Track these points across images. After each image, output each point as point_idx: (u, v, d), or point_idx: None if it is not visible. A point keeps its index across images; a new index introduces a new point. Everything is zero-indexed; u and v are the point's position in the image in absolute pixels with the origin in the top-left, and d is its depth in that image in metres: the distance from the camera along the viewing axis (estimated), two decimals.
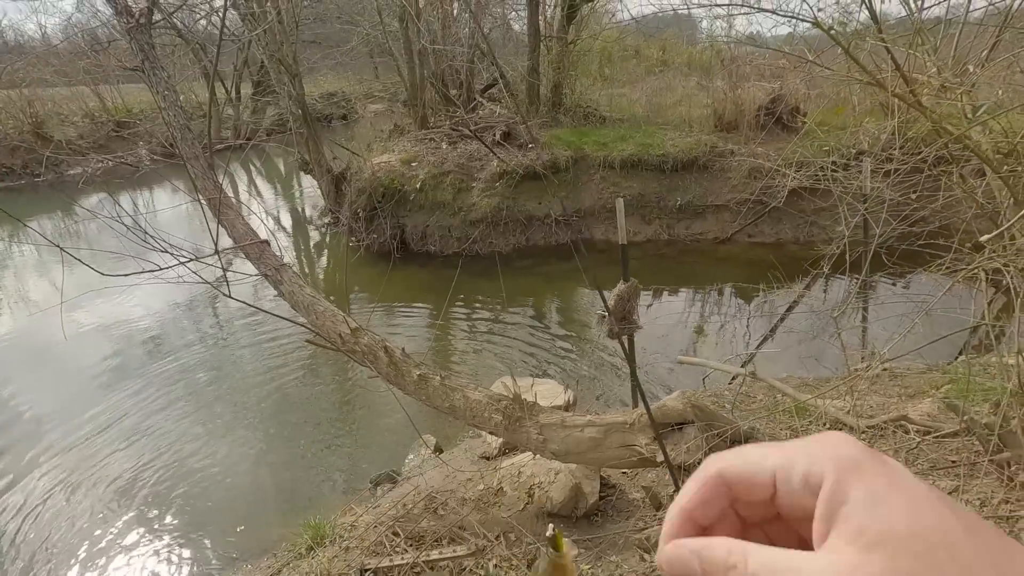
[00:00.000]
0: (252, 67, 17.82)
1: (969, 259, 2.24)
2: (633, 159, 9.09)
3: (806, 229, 8.42)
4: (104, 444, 5.00)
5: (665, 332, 6.46)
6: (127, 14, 3.77)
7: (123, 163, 12.89)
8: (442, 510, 3.38)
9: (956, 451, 2.83)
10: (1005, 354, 2.62)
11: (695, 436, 2.84)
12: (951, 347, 4.75)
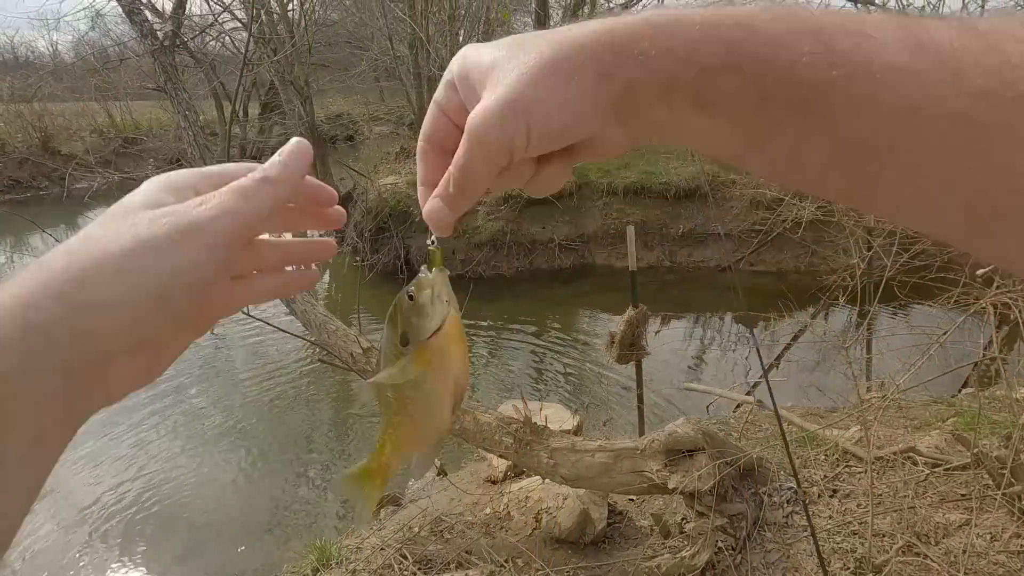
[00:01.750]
0: (261, 87, 18.10)
1: (979, 293, 2.29)
2: (636, 186, 9.23)
3: (807, 259, 8.51)
4: (93, 465, 4.95)
5: (668, 358, 6.48)
6: (152, 36, 3.87)
7: (130, 178, 12.98)
8: (448, 533, 3.36)
9: (965, 484, 2.83)
10: (1014, 387, 2.65)
11: (706, 464, 2.84)
12: (954, 378, 4.78)
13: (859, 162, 0.27)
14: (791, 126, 0.28)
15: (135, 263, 0.31)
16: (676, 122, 0.32)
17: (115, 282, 0.30)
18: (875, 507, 2.57)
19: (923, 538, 2.57)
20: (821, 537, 2.79)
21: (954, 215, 0.27)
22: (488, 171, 0.35)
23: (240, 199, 0.35)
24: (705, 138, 0.32)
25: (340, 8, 16.00)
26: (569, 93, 0.31)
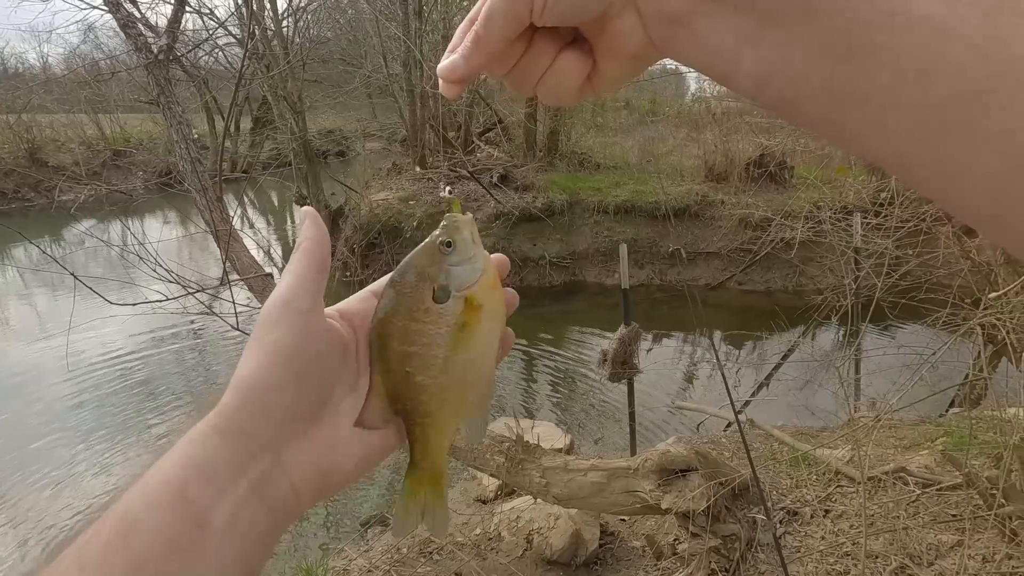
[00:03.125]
0: (253, 102, 18.13)
1: (966, 314, 2.32)
2: (627, 205, 9.31)
3: (795, 279, 8.61)
4: (64, 487, 4.82)
5: (659, 377, 6.48)
6: (147, 50, 3.87)
7: (118, 191, 12.88)
8: (438, 555, 3.29)
9: (956, 504, 2.84)
10: (1002, 407, 2.68)
11: (699, 484, 2.82)
12: (942, 398, 4.82)
13: (842, 59, 0.27)
14: (788, 16, 0.28)
15: None
16: (689, 10, 0.31)
17: None
18: (868, 528, 2.56)
19: (916, 559, 2.56)
20: (814, 559, 2.77)
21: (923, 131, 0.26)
22: (508, 20, 0.35)
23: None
24: (708, 31, 0.31)
25: (335, 26, 16.17)
26: None
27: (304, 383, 0.37)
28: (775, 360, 6.84)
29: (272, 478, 0.35)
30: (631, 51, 0.36)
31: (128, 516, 0.30)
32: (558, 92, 0.39)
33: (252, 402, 0.35)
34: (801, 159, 9.68)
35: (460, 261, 0.41)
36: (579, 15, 0.35)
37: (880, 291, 2.56)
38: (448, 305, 0.41)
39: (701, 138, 11.28)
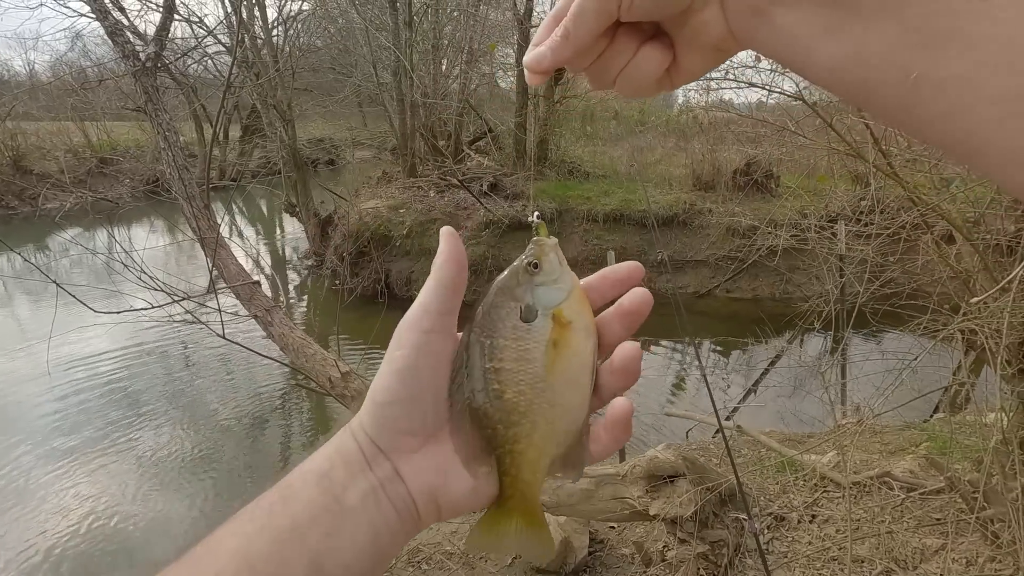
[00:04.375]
0: (242, 110, 18.08)
1: (946, 319, 2.37)
2: (616, 213, 9.38)
3: (781, 286, 8.69)
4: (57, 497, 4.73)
5: (648, 383, 6.50)
6: (134, 58, 3.86)
7: (103, 199, 12.75)
8: (426, 564, 3.27)
9: (940, 508, 2.87)
10: (983, 412, 2.72)
11: (687, 490, 2.84)
12: (926, 403, 4.88)
13: (924, 46, 0.28)
14: (870, 5, 0.29)
15: None
16: (770, 1, 0.32)
17: None
18: (853, 532, 2.59)
19: (901, 563, 2.58)
20: (801, 564, 2.79)
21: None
22: (598, 16, 0.36)
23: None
24: (788, 22, 0.32)
25: (324, 35, 16.19)
26: None
27: (419, 400, 0.39)
28: (763, 366, 6.90)
29: (393, 481, 0.38)
30: (712, 43, 0.37)
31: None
32: (638, 85, 0.40)
33: (375, 411, 0.39)
34: (787, 168, 9.81)
35: (546, 281, 0.41)
36: (665, 9, 0.36)
37: (863, 297, 2.61)
38: (536, 324, 0.41)
39: (689, 147, 11.40)
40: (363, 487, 0.37)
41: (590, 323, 0.41)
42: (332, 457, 0.38)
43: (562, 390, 0.40)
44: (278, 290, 10.52)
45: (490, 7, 12.38)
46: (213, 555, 0.34)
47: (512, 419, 0.40)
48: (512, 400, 0.40)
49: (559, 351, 0.40)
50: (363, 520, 0.37)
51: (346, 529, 0.36)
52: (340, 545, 0.35)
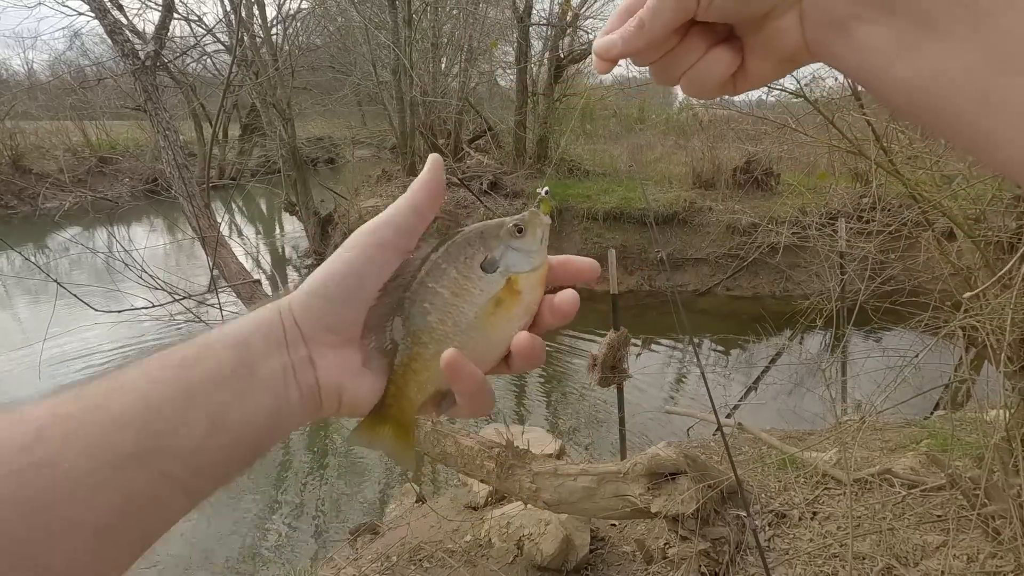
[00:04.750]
0: (242, 109, 18.07)
1: (947, 316, 2.37)
2: (616, 211, 9.38)
3: (782, 284, 8.70)
4: None
5: (649, 381, 6.51)
6: (133, 56, 3.85)
7: (103, 198, 12.74)
8: (428, 562, 3.27)
9: (941, 505, 2.87)
10: (984, 408, 2.72)
11: (689, 487, 2.84)
12: (926, 401, 4.88)
13: (1006, 70, 0.28)
14: (953, 25, 0.29)
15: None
16: (852, 15, 0.32)
17: None
18: (855, 529, 2.59)
19: (902, 560, 2.59)
20: (802, 561, 2.79)
21: None
22: (677, 11, 0.36)
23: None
24: (866, 36, 0.32)
25: (324, 34, 16.17)
26: None
27: (351, 303, 0.40)
28: (763, 364, 6.90)
29: (305, 366, 0.39)
30: (785, 52, 0.37)
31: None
32: (702, 86, 0.40)
33: (306, 300, 0.40)
34: (787, 165, 9.81)
35: (521, 248, 0.43)
36: (745, 11, 0.36)
37: (864, 294, 2.61)
38: (492, 276, 0.42)
39: (689, 145, 11.40)
40: (276, 363, 0.38)
41: (534, 303, 0.42)
42: (254, 327, 0.38)
43: (478, 342, 0.42)
44: (279, 289, 10.52)
45: (490, 5, 12.36)
46: (121, 392, 0.33)
47: (423, 339, 0.41)
48: (433, 325, 0.41)
49: (496, 310, 0.42)
50: (269, 393, 0.37)
51: (251, 397, 0.36)
52: (242, 410, 0.36)
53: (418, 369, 0.41)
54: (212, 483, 0.36)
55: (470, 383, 0.40)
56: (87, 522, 0.29)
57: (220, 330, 0.38)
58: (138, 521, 0.32)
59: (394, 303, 0.41)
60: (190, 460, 0.34)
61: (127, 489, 0.31)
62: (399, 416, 0.42)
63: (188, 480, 0.34)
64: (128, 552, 0.32)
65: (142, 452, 0.32)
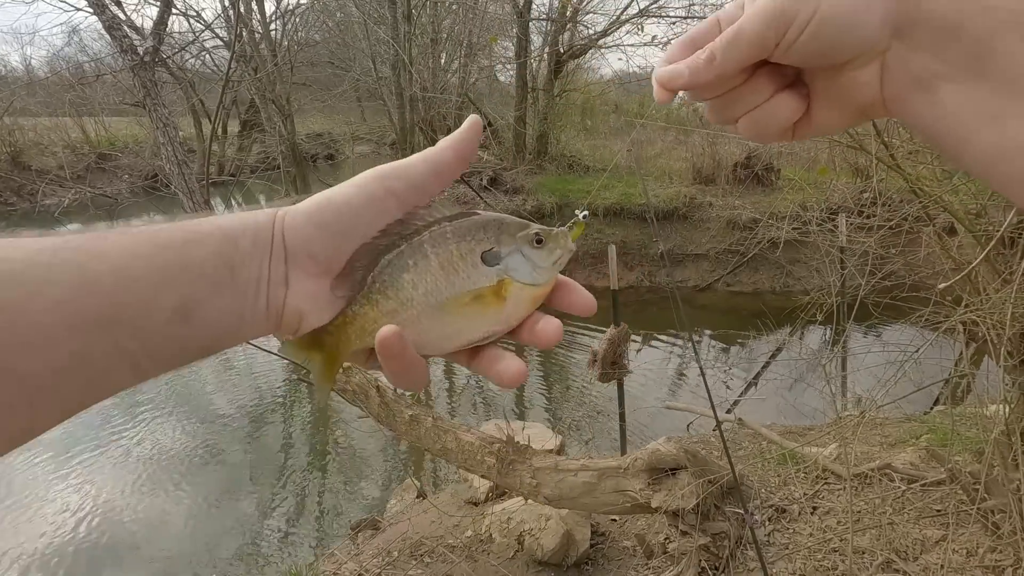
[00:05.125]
0: (241, 105, 18.01)
1: (948, 311, 2.37)
2: (616, 207, 9.37)
3: (782, 279, 8.69)
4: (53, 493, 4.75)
5: (649, 377, 6.51)
6: (132, 52, 3.84)
7: (103, 194, 12.73)
8: (429, 558, 3.28)
9: (941, 500, 2.88)
10: (983, 403, 2.72)
11: (688, 482, 2.84)
12: (926, 396, 4.89)
13: None
14: None
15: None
16: (941, 74, 0.31)
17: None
18: (854, 524, 2.59)
19: (902, 554, 2.59)
20: (802, 555, 2.80)
21: None
22: (753, 49, 0.35)
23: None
24: (952, 100, 0.31)
25: (323, 29, 16.11)
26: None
27: (343, 238, 0.39)
28: (763, 360, 6.91)
29: (279, 284, 0.38)
30: (858, 105, 0.36)
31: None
32: (764, 130, 0.39)
33: (301, 223, 0.39)
34: (787, 161, 9.79)
35: (531, 259, 0.40)
36: (826, 59, 0.35)
37: (864, 289, 2.60)
38: (486, 269, 0.40)
39: (689, 141, 11.37)
40: (255, 271, 0.37)
41: (514, 317, 0.40)
42: (245, 227, 0.37)
43: (434, 325, 0.40)
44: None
45: (489, 0, 12.32)
46: (99, 258, 0.32)
47: (387, 293, 0.40)
48: (403, 284, 0.40)
49: (470, 304, 0.40)
50: (240, 298, 0.36)
51: (223, 297, 0.35)
52: (211, 308, 0.35)
53: (367, 317, 0.40)
54: (160, 367, 0.35)
55: (398, 363, 0.39)
56: (34, 373, 0.29)
57: (211, 220, 0.37)
58: (82, 385, 0.32)
59: (386, 247, 0.40)
60: (147, 341, 0.33)
61: (81, 352, 0.31)
62: (332, 349, 0.40)
63: (140, 359, 0.33)
64: (61, 412, 0.32)
65: (104, 321, 0.31)
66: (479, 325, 0.40)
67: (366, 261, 0.40)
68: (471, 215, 0.41)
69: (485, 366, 0.41)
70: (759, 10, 0.35)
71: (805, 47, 0.34)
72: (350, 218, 0.39)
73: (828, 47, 0.34)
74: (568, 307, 0.42)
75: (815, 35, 0.33)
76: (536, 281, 0.40)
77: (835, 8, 0.33)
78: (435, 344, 0.40)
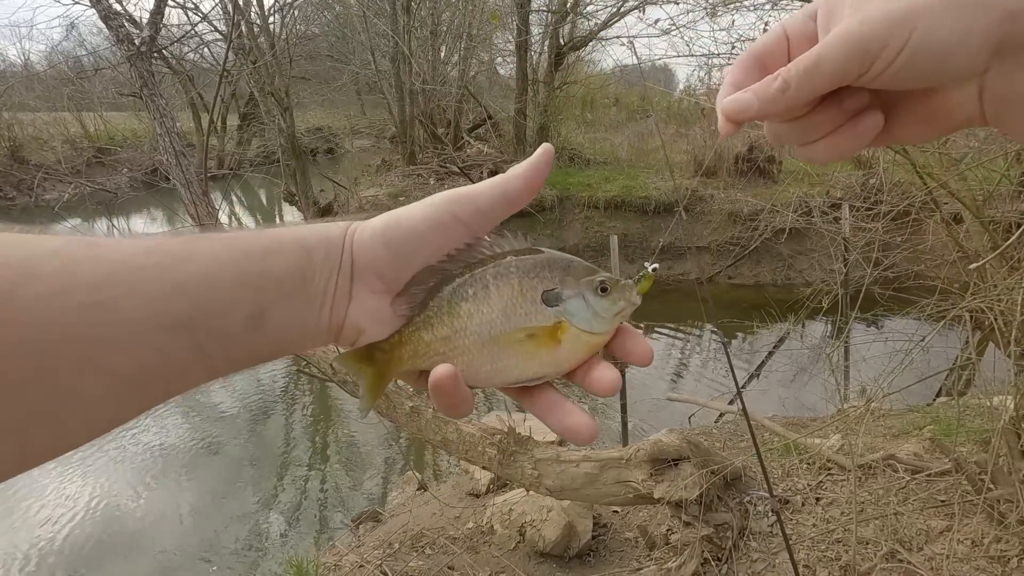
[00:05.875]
0: (240, 99, 17.94)
1: (955, 300, 2.34)
2: (617, 200, 9.33)
3: (783, 272, 8.66)
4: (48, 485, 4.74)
5: (650, 369, 6.50)
6: (128, 42, 3.80)
7: (102, 189, 12.70)
8: (430, 549, 3.27)
9: (945, 490, 2.86)
10: (989, 394, 2.70)
11: (691, 473, 2.82)
12: (926, 388, 4.87)
13: None
14: None
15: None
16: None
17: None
18: (858, 514, 2.58)
19: (906, 544, 2.58)
20: (805, 546, 2.78)
21: None
22: (835, 76, 0.32)
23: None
24: None
25: (321, 22, 16.03)
26: (967, 20, 0.30)
27: (408, 261, 0.39)
28: (765, 352, 6.89)
29: (343, 298, 0.39)
30: (955, 122, 0.34)
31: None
32: (840, 155, 0.37)
33: (370, 239, 0.39)
34: (789, 152, 9.74)
35: (592, 305, 0.40)
36: (918, 84, 0.33)
37: (870, 278, 2.58)
38: (545, 309, 0.40)
39: (690, 133, 11.31)
40: (323, 284, 0.38)
41: (566, 362, 0.40)
42: (320, 238, 0.39)
43: (486, 358, 0.40)
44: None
45: None
46: (188, 262, 0.34)
47: (444, 320, 0.40)
48: (460, 313, 0.40)
49: (524, 342, 0.39)
50: (309, 309, 0.37)
51: (294, 307, 0.37)
52: (282, 316, 0.36)
53: (421, 340, 0.40)
54: (231, 368, 0.36)
55: (449, 400, 0.39)
56: (122, 370, 0.31)
57: (291, 232, 0.39)
58: (163, 381, 0.33)
59: (450, 273, 0.40)
60: (223, 344, 0.34)
61: (165, 351, 0.32)
62: (384, 366, 0.41)
63: (216, 360, 0.35)
64: (141, 407, 0.34)
65: (189, 322, 0.33)
66: (530, 364, 0.40)
67: (428, 283, 0.40)
68: (538, 251, 0.41)
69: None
70: (841, 38, 0.32)
71: (895, 77, 0.32)
72: (416, 241, 0.39)
73: (922, 76, 0.32)
74: (625, 355, 0.41)
75: (908, 64, 0.31)
76: (594, 329, 0.40)
77: (931, 35, 0.30)
78: (484, 377, 0.40)
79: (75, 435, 0.32)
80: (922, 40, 0.30)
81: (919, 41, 0.30)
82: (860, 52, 0.31)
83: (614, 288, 0.40)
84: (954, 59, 0.31)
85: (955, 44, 0.30)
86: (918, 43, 0.30)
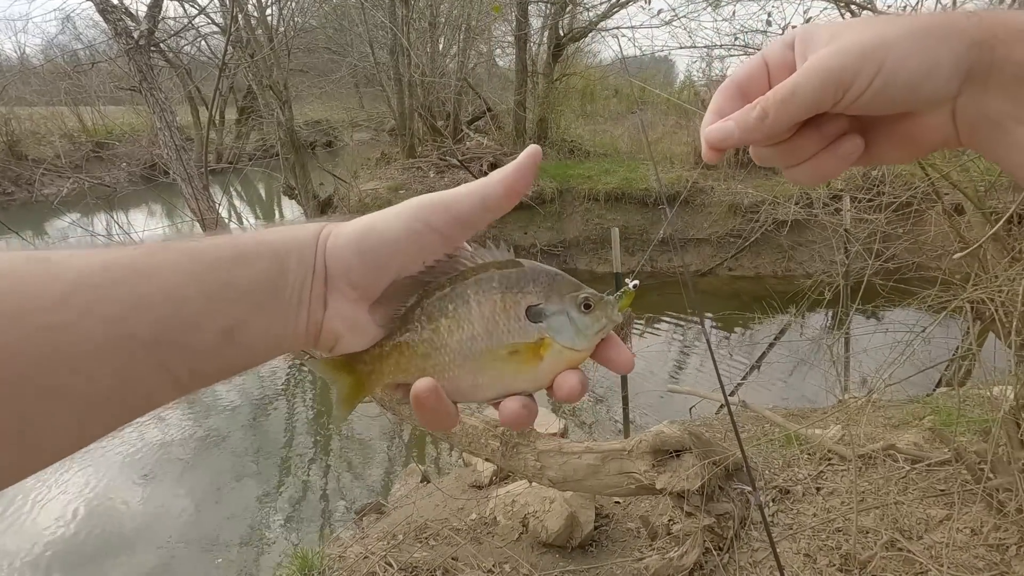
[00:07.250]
0: (238, 93, 17.86)
1: (956, 291, 2.35)
2: (617, 192, 9.31)
3: (784, 263, 8.66)
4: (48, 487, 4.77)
5: (651, 362, 6.52)
6: (126, 36, 3.78)
7: (101, 183, 12.67)
8: (434, 540, 3.30)
9: (945, 480, 2.88)
10: (989, 384, 2.71)
11: (693, 464, 2.84)
12: (926, 379, 4.89)
13: None
14: None
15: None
16: (1013, 115, 0.31)
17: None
18: (859, 504, 2.60)
19: (906, 534, 2.60)
20: (806, 535, 2.81)
21: None
22: (809, 105, 0.34)
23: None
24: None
25: (319, 14, 15.91)
26: (935, 50, 0.31)
27: (382, 271, 0.39)
28: (766, 343, 6.91)
29: (318, 305, 0.38)
30: (930, 144, 0.36)
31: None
32: (822, 176, 0.38)
33: (342, 248, 0.38)
34: None
35: (576, 322, 0.39)
36: (892, 110, 0.34)
37: (871, 268, 2.58)
38: (528, 325, 0.39)
39: (690, 125, 11.26)
40: (297, 292, 0.37)
41: (546, 376, 0.40)
42: (292, 243, 0.37)
43: (467, 374, 0.39)
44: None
45: None
46: (147, 278, 0.32)
47: (424, 336, 0.39)
48: (441, 329, 0.39)
49: (507, 359, 0.39)
50: (282, 319, 0.36)
51: (266, 318, 0.36)
52: (254, 329, 0.35)
53: (402, 356, 0.40)
54: (201, 383, 0.35)
55: (431, 415, 0.38)
56: (82, 392, 0.30)
57: (257, 237, 0.37)
58: (126, 402, 0.32)
59: (429, 286, 0.39)
60: (191, 360, 0.33)
61: (127, 371, 0.31)
62: (364, 377, 0.40)
63: (183, 377, 0.34)
64: (105, 427, 0.33)
65: (151, 341, 0.31)
66: (511, 381, 0.39)
67: (405, 294, 0.39)
68: (520, 264, 0.40)
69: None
70: (816, 69, 0.33)
71: (868, 104, 0.33)
72: (389, 250, 0.38)
73: (894, 103, 0.33)
74: (606, 362, 0.41)
75: (880, 92, 0.32)
76: (576, 346, 0.39)
77: (901, 65, 0.32)
78: (466, 392, 0.40)
79: (39, 459, 0.31)
80: (892, 70, 0.32)
81: (889, 71, 0.32)
82: (833, 82, 0.33)
83: (597, 305, 0.40)
84: (924, 87, 0.32)
85: (924, 74, 0.32)
86: (889, 73, 0.32)
